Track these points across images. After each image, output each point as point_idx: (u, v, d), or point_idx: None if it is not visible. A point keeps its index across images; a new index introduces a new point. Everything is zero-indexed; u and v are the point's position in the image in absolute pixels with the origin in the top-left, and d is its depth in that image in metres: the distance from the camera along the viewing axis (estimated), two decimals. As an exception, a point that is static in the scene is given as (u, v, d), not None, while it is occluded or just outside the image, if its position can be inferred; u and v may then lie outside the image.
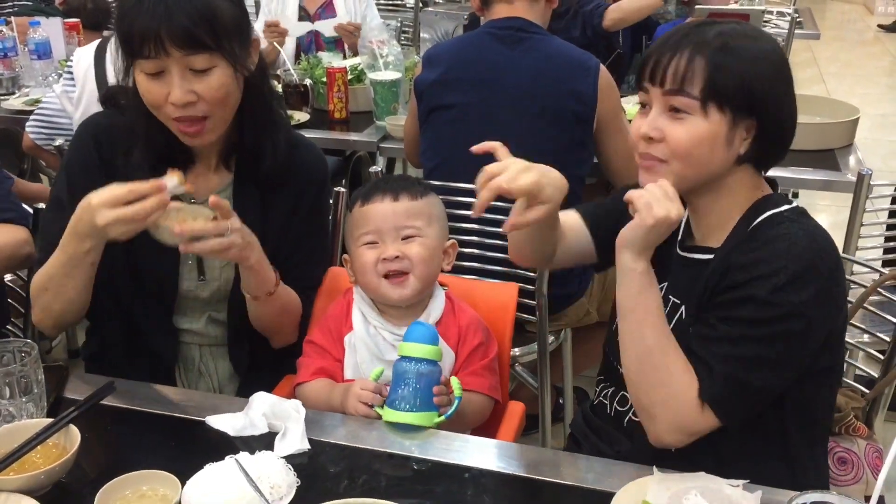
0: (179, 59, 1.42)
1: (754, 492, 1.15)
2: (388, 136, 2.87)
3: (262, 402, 1.37)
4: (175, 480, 1.18)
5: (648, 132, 1.30)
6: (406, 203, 1.53)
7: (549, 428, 2.35)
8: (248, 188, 1.63)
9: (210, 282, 1.65)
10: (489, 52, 2.25)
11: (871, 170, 2.23)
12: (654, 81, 1.30)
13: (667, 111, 1.30)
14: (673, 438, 1.28)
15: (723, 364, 1.25)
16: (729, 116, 1.28)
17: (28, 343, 1.35)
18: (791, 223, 1.30)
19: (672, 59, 1.28)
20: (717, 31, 1.29)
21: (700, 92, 1.26)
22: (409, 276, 1.51)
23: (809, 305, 1.23)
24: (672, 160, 1.30)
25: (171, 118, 1.47)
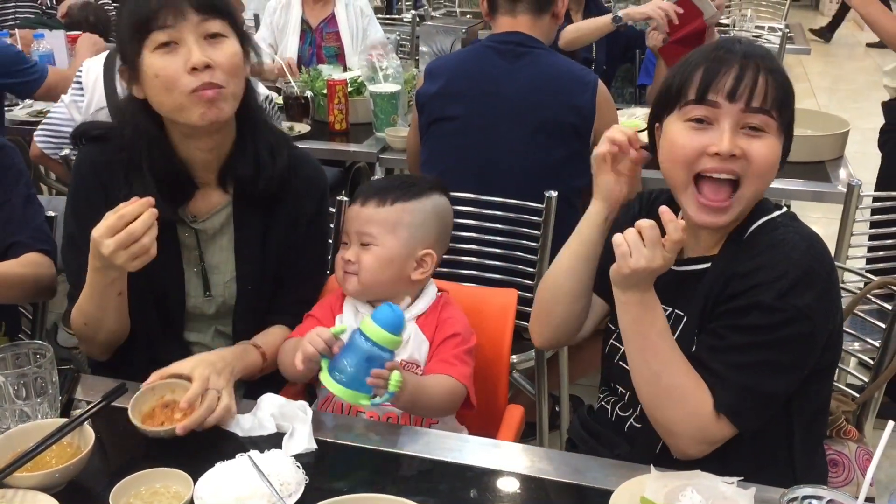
0: (196, 25, 1.46)
1: (748, 489, 1.19)
2: (388, 148, 2.92)
3: (270, 403, 1.41)
4: (187, 478, 1.21)
5: (732, 149, 1.28)
6: (370, 210, 1.58)
7: (546, 434, 2.38)
8: (247, 208, 1.65)
9: (216, 297, 1.67)
10: (490, 65, 2.30)
11: (861, 181, 2.28)
12: (736, 98, 1.29)
13: (739, 129, 1.30)
14: (696, 450, 1.31)
15: (734, 373, 1.28)
16: (784, 136, 1.33)
17: (43, 345, 1.38)
18: (786, 228, 1.34)
19: (758, 78, 1.29)
20: (763, 49, 1.34)
21: (782, 116, 1.31)
22: (354, 277, 1.58)
23: (813, 307, 1.27)
24: (749, 181, 1.30)
25: (189, 90, 1.45)
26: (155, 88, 1.48)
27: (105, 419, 1.38)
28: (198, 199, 1.63)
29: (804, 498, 1.07)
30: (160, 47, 1.46)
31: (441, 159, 2.35)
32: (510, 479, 1.30)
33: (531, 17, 2.32)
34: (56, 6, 4.17)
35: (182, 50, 1.46)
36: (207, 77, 1.46)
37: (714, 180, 1.32)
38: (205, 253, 1.66)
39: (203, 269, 1.66)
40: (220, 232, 1.66)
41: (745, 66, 1.30)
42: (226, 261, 1.67)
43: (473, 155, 2.31)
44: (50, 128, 2.56)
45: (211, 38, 1.48)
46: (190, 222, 1.64)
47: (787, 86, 1.33)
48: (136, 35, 1.46)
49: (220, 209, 1.65)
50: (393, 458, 1.35)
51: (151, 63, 1.46)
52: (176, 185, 1.58)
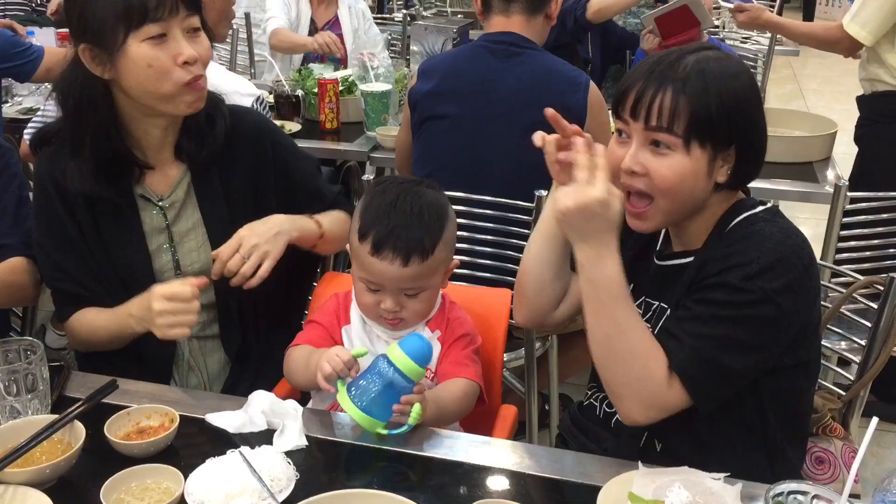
0: (182, 20, 1.51)
1: (735, 484, 1.20)
2: (379, 146, 2.93)
3: (260, 400, 1.41)
4: (178, 474, 1.22)
5: (632, 166, 1.33)
6: (415, 268, 1.46)
7: (536, 432, 2.39)
8: (204, 172, 1.69)
9: (187, 272, 1.69)
10: (482, 64, 2.30)
11: (848, 181, 2.30)
12: (637, 117, 1.32)
13: (647, 144, 1.33)
14: (642, 416, 1.31)
15: (693, 339, 1.30)
16: (710, 150, 1.32)
17: (34, 342, 1.38)
18: (766, 222, 1.35)
19: (655, 97, 1.30)
20: (693, 62, 1.31)
21: (683, 131, 1.30)
22: (404, 322, 1.52)
23: (780, 293, 1.28)
24: (657, 196, 1.33)
25: (183, 82, 1.52)
26: (143, 77, 1.51)
27: (95, 415, 1.37)
28: (157, 179, 1.68)
29: (789, 493, 1.08)
30: (151, 38, 1.49)
31: (432, 158, 2.36)
32: (500, 476, 1.31)
33: (524, 18, 2.33)
34: (46, 3, 4.16)
35: (171, 43, 1.51)
36: (197, 70, 1.53)
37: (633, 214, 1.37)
38: (173, 228, 1.69)
39: (173, 249, 1.69)
40: (184, 203, 1.70)
41: (647, 84, 1.32)
42: (194, 227, 1.70)
43: (465, 154, 2.32)
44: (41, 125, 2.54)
45: (193, 31, 1.54)
46: (157, 202, 1.67)
47: (704, 98, 1.29)
48: (125, 23, 1.48)
49: (179, 181, 1.69)
50: (383, 454, 1.36)
51: (142, 53, 1.49)
52: (117, 164, 1.61)
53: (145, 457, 1.29)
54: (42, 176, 1.67)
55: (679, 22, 3.19)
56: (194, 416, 1.40)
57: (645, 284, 1.49)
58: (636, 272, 1.46)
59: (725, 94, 1.31)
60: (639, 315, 1.34)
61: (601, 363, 1.34)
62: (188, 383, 1.74)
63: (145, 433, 1.35)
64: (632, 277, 1.44)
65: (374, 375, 1.36)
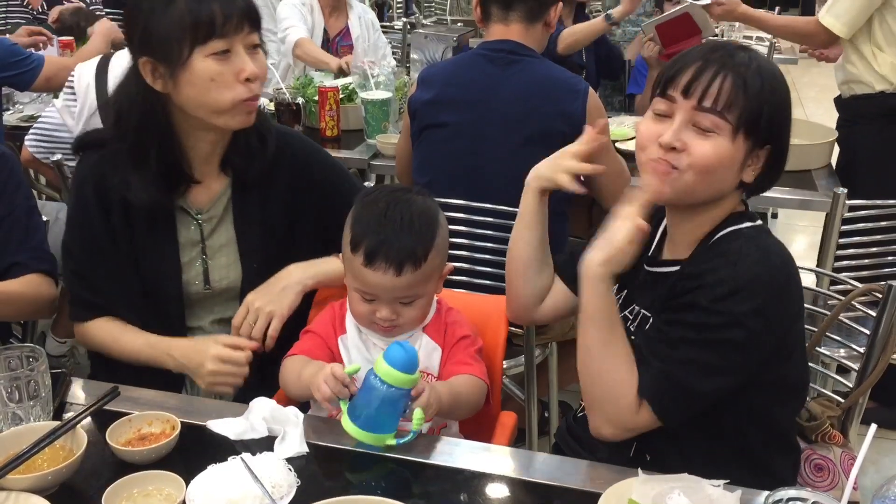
0: (245, 37, 1.54)
1: (734, 491, 1.21)
2: (379, 154, 2.94)
3: (262, 406, 1.41)
4: (179, 480, 1.22)
5: (672, 142, 1.32)
6: (408, 277, 1.47)
7: (536, 439, 2.39)
8: (245, 190, 1.70)
9: (215, 286, 1.71)
10: (481, 73, 2.31)
11: (846, 189, 2.31)
12: (690, 95, 1.32)
13: (691, 125, 1.33)
14: (609, 432, 1.36)
15: (661, 362, 1.32)
16: (750, 144, 1.33)
17: (36, 349, 1.39)
18: (747, 239, 1.36)
19: (714, 80, 1.31)
20: (750, 57, 1.34)
21: (735, 118, 1.31)
22: (399, 328, 1.54)
23: (749, 316, 1.28)
24: (689, 171, 1.33)
25: (241, 99, 1.54)
26: (204, 90, 1.53)
27: (97, 422, 1.38)
28: (200, 192, 1.69)
29: (788, 500, 1.08)
30: (216, 54, 1.52)
31: (432, 165, 2.37)
32: (500, 482, 1.31)
33: (523, 26, 2.34)
34: (47, 11, 4.17)
35: (234, 59, 1.53)
36: (257, 88, 1.56)
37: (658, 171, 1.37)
38: (207, 242, 1.70)
39: (205, 263, 1.70)
40: (221, 219, 1.71)
41: (706, 66, 1.33)
42: (227, 243, 1.71)
43: (464, 161, 2.33)
44: (41, 132, 2.56)
45: (253, 48, 1.57)
46: (195, 215, 1.69)
47: (759, 90, 1.31)
48: (192, 37, 1.51)
49: (219, 196, 1.70)
50: (384, 461, 1.36)
51: (206, 67, 1.52)
52: (175, 175, 1.64)
53: (147, 463, 1.30)
54: (82, 178, 1.68)
55: (680, 30, 3.21)
56: (196, 422, 1.41)
57: (634, 290, 1.50)
58: (628, 277, 1.47)
59: (776, 96, 1.34)
60: (621, 338, 1.37)
61: (581, 375, 1.40)
62: (200, 391, 1.74)
63: (147, 440, 1.35)
64: (624, 283, 1.47)
65: (367, 393, 1.35)
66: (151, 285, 1.68)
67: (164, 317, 1.70)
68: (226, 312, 1.74)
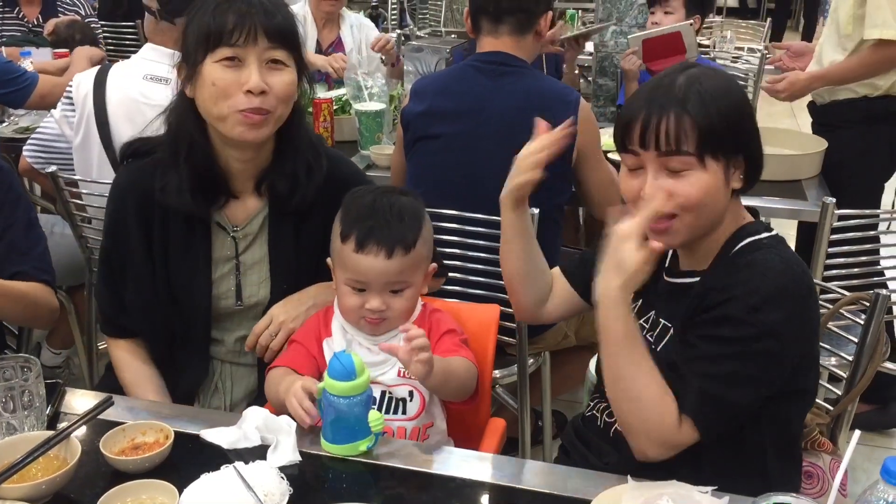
0: (263, 50, 1.55)
1: (722, 498, 1.22)
2: (373, 165, 2.95)
3: (254, 415, 1.42)
4: (172, 489, 1.23)
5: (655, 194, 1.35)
6: (398, 260, 1.53)
7: (529, 448, 2.40)
8: (283, 214, 1.71)
9: (246, 302, 1.73)
10: (473, 84, 2.33)
11: (835, 199, 2.33)
12: (647, 146, 1.35)
13: (663, 169, 1.36)
14: (655, 453, 1.34)
15: (700, 380, 1.32)
16: (723, 161, 1.36)
17: (30, 359, 1.40)
18: (769, 249, 1.38)
19: (661, 123, 1.33)
20: (686, 81, 1.35)
21: (696, 148, 1.33)
22: (387, 321, 1.57)
23: (783, 326, 1.31)
24: (683, 214, 1.36)
25: (238, 109, 1.55)
26: (207, 94, 1.56)
27: (91, 432, 1.39)
28: (237, 208, 1.71)
29: (775, 505, 1.10)
30: (224, 60, 1.54)
31: (426, 177, 2.38)
32: (492, 490, 1.32)
33: (514, 38, 2.35)
34: (43, 24, 4.19)
35: (243, 69, 1.55)
36: (259, 102, 1.55)
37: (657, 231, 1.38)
38: (241, 258, 1.72)
39: (238, 278, 1.71)
40: (256, 237, 1.72)
41: (650, 112, 1.35)
42: (260, 261, 1.73)
43: (457, 173, 2.35)
44: (39, 142, 2.57)
45: (272, 63, 1.57)
46: (231, 232, 1.70)
47: (705, 114, 1.33)
48: (205, 43, 1.54)
49: (256, 214, 1.72)
50: (376, 469, 1.37)
51: (211, 71, 1.55)
52: (211, 185, 1.66)
53: (140, 472, 1.30)
54: (122, 186, 1.71)
55: (666, 47, 3.23)
56: (189, 432, 1.42)
57: (654, 300, 1.51)
58: (647, 288, 1.47)
59: (724, 107, 1.35)
60: (648, 357, 1.35)
61: (614, 403, 1.38)
62: (211, 404, 1.76)
63: (140, 449, 1.36)
64: (642, 293, 1.48)
65: (328, 410, 1.40)
66: (182, 297, 1.69)
67: (189, 328, 1.71)
68: (251, 329, 1.74)
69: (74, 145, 2.46)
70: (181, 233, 1.68)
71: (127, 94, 2.35)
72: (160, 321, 1.71)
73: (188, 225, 1.67)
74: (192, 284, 1.69)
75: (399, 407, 1.57)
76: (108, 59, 4.21)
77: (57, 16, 4.23)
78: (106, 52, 3.98)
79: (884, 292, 1.69)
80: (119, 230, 1.70)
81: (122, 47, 4.70)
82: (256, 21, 1.54)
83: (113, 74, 2.41)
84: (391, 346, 1.43)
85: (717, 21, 6.82)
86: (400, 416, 1.57)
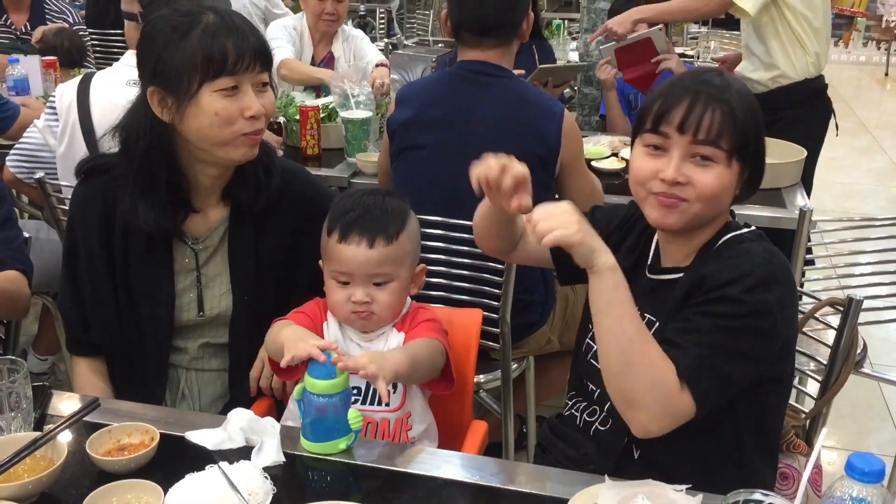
0: (254, 75, 1.58)
1: (696, 496, 1.25)
2: (359, 172, 2.97)
3: (239, 417, 1.44)
4: (157, 489, 1.25)
5: (676, 177, 1.39)
6: (380, 250, 1.57)
7: (512, 452, 2.43)
8: (243, 219, 1.73)
9: (209, 314, 1.75)
10: (458, 93, 2.34)
11: (813, 207, 2.37)
12: (685, 131, 1.39)
13: (689, 158, 1.40)
14: (658, 425, 1.34)
15: (697, 347, 1.35)
16: (741, 165, 1.42)
17: (18, 361, 1.41)
18: (751, 242, 1.44)
19: (705, 114, 1.38)
20: (723, 81, 1.42)
21: (729, 146, 1.39)
22: (374, 316, 1.60)
23: (775, 306, 1.36)
24: (696, 203, 1.40)
25: (241, 133, 1.58)
26: (207, 123, 1.57)
27: (78, 433, 1.41)
28: (198, 221, 1.72)
29: (745, 502, 1.13)
30: (224, 90, 1.55)
31: (411, 186, 2.40)
32: (471, 490, 1.35)
33: (499, 50, 2.34)
34: (31, 32, 4.20)
35: (241, 96, 1.57)
36: (259, 125, 1.60)
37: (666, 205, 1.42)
38: (202, 270, 1.73)
39: (199, 291, 1.73)
40: (216, 249, 1.74)
41: (696, 101, 1.39)
42: (221, 273, 1.74)
43: (442, 181, 2.36)
44: (23, 152, 2.58)
45: (262, 86, 1.61)
46: (191, 244, 1.71)
47: (744, 117, 1.39)
48: (203, 72, 1.54)
49: (217, 225, 1.73)
50: (358, 469, 1.40)
51: (212, 101, 1.55)
52: (177, 203, 1.68)
53: (126, 473, 1.32)
54: (82, 199, 1.72)
55: (639, 54, 3.26)
56: (175, 433, 1.43)
57: (637, 296, 1.53)
58: (630, 285, 1.49)
59: (755, 118, 1.42)
60: (644, 326, 1.39)
61: (620, 371, 1.35)
62: (179, 405, 1.78)
63: (126, 450, 1.38)
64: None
65: (308, 409, 1.42)
66: (144, 309, 1.71)
67: (150, 339, 1.73)
68: (214, 338, 1.77)
69: (58, 154, 2.48)
70: (143, 245, 1.69)
71: (111, 101, 2.36)
72: (121, 332, 1.72)
73: (150, 238, 1.69)
74: (154, 296, 1.70)
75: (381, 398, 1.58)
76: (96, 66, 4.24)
77: (45, 23, 4.24)
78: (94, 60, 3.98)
79: (858, 296, 1.73)
80: (80, 242, 1.71)
81: (110, 55, 4.71)
82: (248, 47, 1.56)
83: (96, 82, 2.43)
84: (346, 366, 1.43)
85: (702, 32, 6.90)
86: (383, 408, 1.59)
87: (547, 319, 2.50)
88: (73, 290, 1.74)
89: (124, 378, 1.75)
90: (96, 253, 1.69)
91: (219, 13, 1.58)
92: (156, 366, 1.74)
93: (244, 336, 1.74)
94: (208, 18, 1.56)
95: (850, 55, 10.61)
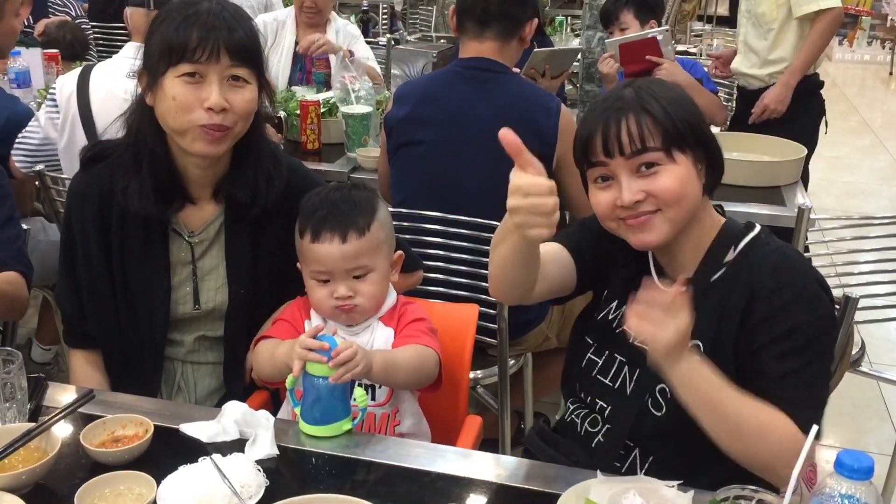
0: (225, 68, 1.56)
1: (687, 492, 1.25)
2: (359, 167, 2.98)
3: (233, 410, 1.45)
4: (150, 480, 1.25)
5: (634, 198, 1.38)
6: (354, 244, 1.56)
7: (509, 448, 2.43)
8: (239, 220, 1.72)
9: (204, 307, 1.74)
10: (456, 90, 2.35)
11: (812, 205, 2.37)
12: (612, 154, 1.38)
13: (635, 173, 1.39)
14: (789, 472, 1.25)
15: (803, 390, 1.34)
16: (689, 153, 1.40)
17: (13, 352, 1.42)
18: (776, 244, 1.44)
19: (621, 127, 1.37)
20: (636, 88, 1.41)
21: (662, 143, 1.37)
22: (358, 308, 1.60)
23: (831, 307, 1.40)
24: (665, 208, 1.39)
25: (198, 124, 1.56)
26: (166, 107, 1.57)
27: (72, 424, 1.42)
28: (193, 214, 1.72)
29: (735, 498, 1.13)
30: (185, 75, 1.55)
31: (409, 183, 2.41)
32: (465, 484, 1.35)
33: (498, 44, 2.37)
34: (33, 25, 4.20)
35: (204, 86, 1.55)
36: (219, 119, 1.56)
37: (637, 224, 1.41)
38: (198, 263, 1.73)
39: (195, 285, 1.73)
40: (212, 243, 1.74)
41: (608, 121, 1.39)
42: (216, 266, 1.74)
43: (440, 178, 2.37)
44: (25, 146, 2.59)
45: (233, 80, 1.58)
46: (187, 237, 1.71)
47: (664, 111, 1.37)
48: (166, 57, 1.55)
49: (213, 219, 1.73)
50: (351, 463, 1.40)
51: (172, 86, 1.55)
52: (169, 189, 1.67)
53: (120, 464, 1.33)
54: (79, 191, 1.72)
55: (642, 51, 3.27)
56: (169, 426, 1.44)
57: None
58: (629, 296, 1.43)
59: (676, 104, 1.40)
60: (741, 393, 1.32)
61: (742, 452, 1.32)
62: (174, 397, 1.78)
63: (120, 442, 1.38)
64: (624, 302, 1.49)
65: (310, 392, 1.44)
66: (140, 301, 1.71)
67: (146, 331, 1.73)
68: (210, 331, 1.77)
69: (60, 148, 2.48)
70: (140, 237, 1.69)
71: (111, 92, 2.37)
72: (118, 325, 1.72)
73: (146, 229, 1.69)
74: (150, 288, 1.71)
75: (368, 393, 1.59)
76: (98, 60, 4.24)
77: (47, 17, 4.25)
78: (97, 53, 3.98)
79: (854, 294, 1.73)
80: (77, 234, 1.71)
81: (113, 48, 4.72)
82: (219, 38, 1.54)
83: (96, 73, 2.44)
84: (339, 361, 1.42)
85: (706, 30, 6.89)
86: (370, 402, 1.60)
87: (545, 317, 2.50)
88: (71, 282, 1.75)
89: (121, 370, 1.76)
90: (93, 245, 1.70)
91: (216, 3, 1.58)
92: (152, 358, 1.74)
93: (240, 330, 1.74)
94: (202, 7, 1.56)
95: (854, 54, 10.59)
